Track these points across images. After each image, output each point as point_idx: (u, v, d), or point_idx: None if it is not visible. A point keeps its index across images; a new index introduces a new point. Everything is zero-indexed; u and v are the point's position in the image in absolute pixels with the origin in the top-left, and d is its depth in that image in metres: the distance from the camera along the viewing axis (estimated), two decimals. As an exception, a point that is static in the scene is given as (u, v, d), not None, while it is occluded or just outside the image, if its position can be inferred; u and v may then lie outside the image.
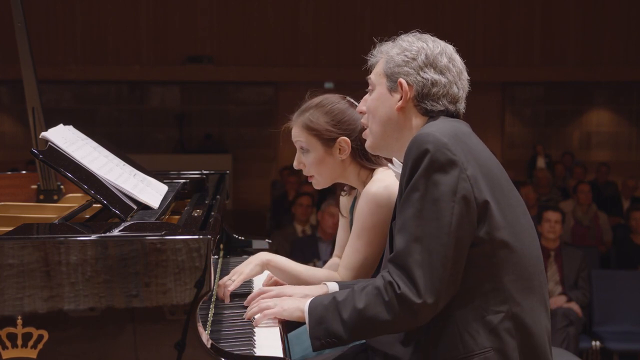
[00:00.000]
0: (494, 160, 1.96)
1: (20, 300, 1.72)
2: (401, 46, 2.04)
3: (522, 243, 1.90)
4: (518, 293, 1.87)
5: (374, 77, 2.09)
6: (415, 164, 1.85)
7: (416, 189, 1.84)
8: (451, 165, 1.83)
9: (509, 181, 1.98)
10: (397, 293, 1.81)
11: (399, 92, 2.02)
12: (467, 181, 1.83)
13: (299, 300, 2.09)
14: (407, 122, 2.03)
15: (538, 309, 1.92)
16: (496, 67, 13.63)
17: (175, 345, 1.75)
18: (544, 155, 12.92)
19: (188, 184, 2.99)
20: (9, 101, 13.79)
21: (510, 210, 1.89)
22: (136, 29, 13.48)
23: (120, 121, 14.12)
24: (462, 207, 1.81)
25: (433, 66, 2.01)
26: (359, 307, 1.86)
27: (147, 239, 1.75)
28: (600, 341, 5.53)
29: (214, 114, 14.21)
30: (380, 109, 2.05)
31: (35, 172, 2.96)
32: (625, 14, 13.72)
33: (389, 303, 1.82)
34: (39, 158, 2.20)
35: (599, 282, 5.72)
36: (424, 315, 1.82)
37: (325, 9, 13.58)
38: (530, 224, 1.98)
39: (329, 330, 1.90)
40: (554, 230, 5.74)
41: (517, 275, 1.87)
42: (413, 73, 2.01)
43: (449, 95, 2.02)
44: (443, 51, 2.04)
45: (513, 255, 1.87)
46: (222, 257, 2.96)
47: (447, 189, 1.81)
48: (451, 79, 2.03)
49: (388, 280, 1.83)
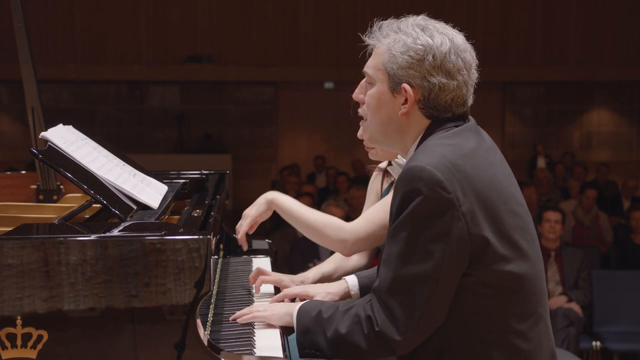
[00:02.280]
0: (495, 180, 1.82)
1: (19, 301, 1.72)
2: (405, 43, 1.85)
3: (522, 268, 1.79)
4: (519, 323, 1.81)
5: (372, 70, 1.92)
6: (406, 199, 1.74)
7: (405, 227, 1.74)
8: (444, 206, 1.71)
9: (514, 195, 1.85)
10: (375, 330, 1.78)
11: (403, 95, 1.87)
12: (462, 219, 1.72)
13: (289, 305, 2.08)
14: (410, 124, 1.90)
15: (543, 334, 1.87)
16: (497, 66, 13.62)
17: (174, 346, 1.75)
18: (545, 155, 12.93)
19: (188, 184, 2.98)
20: (9, 101, 13.78)
21: (509, 238, 1.78)
22: (136, 28, 13.47)
23: (120, 121, 14.12)
24: (453, 248, 1.72)
25: (441, 69, 1.83)
26: (341, 331, 1.84)
27: (146, 239, 1.75)
28: (600, 341, 5.53)
29: (214, 114, 14.20)
30: (382, 109, 1.91)
31: (35, 172, 2.95)
32: (625, 13, 13.72)
33: (368, 336, 1.80)
34: (39, 158, 2.20)
35: (599, 282, 5.72)
36: (402, 350, 1.80)
37: (325, 9, 13.57)
38: (533, 238, 1.88)
39: (313, 342, 1.90)
40: (554, 231, 5.74)
41: (518, 303, 1.80)
42: (418, 77, 1.84)
43: (457, 98, 1.86)
44: (451, 47, 1.84)
45: (512, 284, 1.78)
46: (221, 257, 2.95)
47: (439, 231, 1.72)
48: (461, 80, 1.85)
49: (367, 315, 1.80)
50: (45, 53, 12.76)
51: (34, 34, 11.54)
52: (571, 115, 14.50)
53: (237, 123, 14.19)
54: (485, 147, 1.89)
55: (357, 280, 2.30)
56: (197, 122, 14.10)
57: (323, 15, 13.54)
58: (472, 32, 2.09)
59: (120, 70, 13.39)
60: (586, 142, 14.53)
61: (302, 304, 2.00)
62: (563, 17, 13.79)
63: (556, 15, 13.79)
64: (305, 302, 2.02)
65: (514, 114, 14.55)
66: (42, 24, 12.86)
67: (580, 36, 13.73)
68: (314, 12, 13.60)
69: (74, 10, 13.35)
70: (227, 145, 13.95)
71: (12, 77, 8.48)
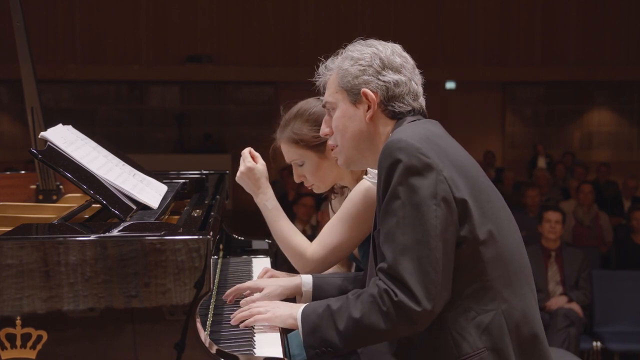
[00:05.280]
0: (468, 159, 1.95)
1: (19, 301, 1.71)
2: (352, 57, 2.03)
3: (504, 237, 1.89)
4: (505, 289, 1.87)
5: (331, 97, 2.07)
6: (390, 172, 1.83)
7: (396, 197, 1.81)
8: (427, 169, 1.81)
9: (486, 177, 1.98)
10: (395, 300, 1.78)
11: (365, 102, 2.01)
12: (445, 182, 1.81)
13: (291, 307, 2.06)
14: (378, 130, 2.03)
15: (527, 300, 1.91)
16: (497, 66, 13.64)
17: (174, 346, 1.75)
18: (545, 155, 12.93)
19: (187, 184, 2.98)
20: (8, 101, 13.78)
21: (490, 206, 1.89)
22: (135, 28, 13.47)
23: (120, 121, 14.12)
24: (443, 209, 1.80)
25: (390, 67, 2.01)
26: (355, 316, 1.83)
27: (146, 239, 1.75)
28: (601, 342, 5.52)
29: (214, 114, 14.21)
30: (350, 125, 2.04)
31: (34, 172, 2.95)
32: (626, 13, 13.73)
33: (387, 312, 1.79)
34: (38, 158, 2.19)
35: (599, 282, 5.71)
36: (423, 322, 1.81)
37: (325, 9, 13.58)
38: (510, 218, 1.98)
39: (323, 339, 1.88)
40: (555, 231, 5.73)
41: (503, 271, 1.87)
42: (373, 80, 2.00)
43: (411, 92, 2.02)
44: (393, 51, 2.04)
45: (496, 251, 1.86)
46: (221, 257, 2.95)
47: (427, 192, 1.80)
48: (409, 76, 2.02)
49: (384, 289, 1.80)
50: (45, 53, 12.76)
51: (34, 34, 11.54)
52: (571, 115, 14.51)
53: (237, 123, 14.19)
54: (452, 139, 2.01)
55: (311, 279, 2.32)
56: (197, 122, 14.10)
57: (323, 15, 13.54)
58: (472, 32, 2.13)
59: (120, 70, 13.39)
60: (586, 142, 14.53)
61: (306, 304, 1.99)
62: (563, 17, 13.79)
63: (556, 15, 13.79)
64: (309, 303, 2.02)
65: (514, 114, 14.55)
66: (42, 24, 12.86)
67: (580, 36, 13.73)
68: (314, 12, 13.60)
69: (74, 10, 13.35)
70: (227, 145, 13.95)
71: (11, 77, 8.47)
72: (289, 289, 2.30)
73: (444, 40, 13.50)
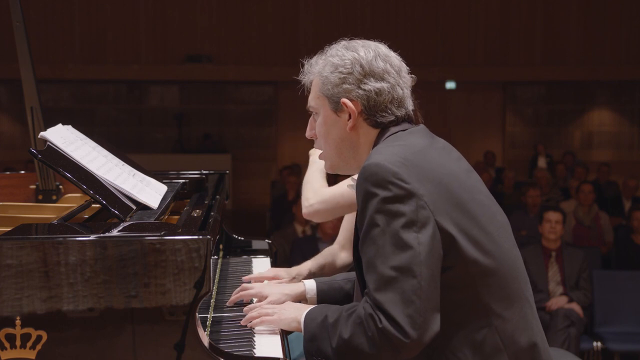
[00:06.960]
0: (455, 168, 1.89)
1: (18, 301, 1.71)
2: (332, 63, 1.96)
3: (495, 250, 1.84)
4: (498, 303, 1.83)
5: (313, 101, 2.03)
6: (368, 198, 1.78)
7: (374, 225, 1.76)
8: (406, 196, 1.75)
9: (478, 183, 1.92)
10: (379, 327, 1.74)
11: (345, 112, 1.96)
12: (426, 208, 1.76)
13: (297, 309, 2.06)
14: (360, 138, 1.98)
15: (523, 309, 1.88)
16: (497, 66, 13.63)
17: (174, 346, 1.74)
18: (545, 155, 12.92)
19: (187, 184, 2.98)
20: (8, 101, 13.78)
21: (477, 221, 1.83)
22: (135, 28, 13.47)
23: (119, 121, 14.11)
24: (425, 235, 1.74)
25: (371, 74, 1.93)
26: (344, 336, 1.81)
27: (146, 239, 1.74)
28: (601, 342, 5.52)
29: (213, 114, 14.20)
30: (331, 131, 2.00)
31: (34, 172, 2.95)
32: (626, 13, 13.73)
33: (372, 337, 1.76)
34: (38, 158, 2.19)
35: (600, 282, 5.71)
36: (409, 351, 1.76)
37: (325, 9, 13.57)
38: (502, 225, 1.92)
39: (320, 349, 1.88)
40: (555, 231, 5.72)
41: (495, 286, 1.83)
42: (354, 88, 1.93)
43: (395, 100, 1.94)
44: (376, 54, 1.95)
45: (487, 267, 1.82)
46: (221, 258, 2.94)
47: (406, 220, 1.74)
48: (393, 82, 1.94)
49: (369, 313, 1.77)
50: (45, 52, 12.76)
51: (34, 34, 11.53)
52: (572, 115, 14.50)
53: (236, 123, 14.18)
54: (439, 147, 1.95)
55: (315, 284, 2.33)
56: (196, 122, 14.10)
57: (323, 15, 13.53)
58: (473, 32, 2.10)
59: (120, 70, 13.39)
60: (587, 142, 14.53)
61: (309, 309, 1.99)
62: (564, 17, 13.79)
63: (557, 15, 13.79)
64: (313, 307, 2.01)
65: (515, 114, 14.54)
66: (41, 24, 12.85)
67: (581, 36, 13.73)
68: (314, 12, 13.60)
69: (74, 10, 13.35)
70: (227, 145, 13.95)
71: (11, 77, 8.47)
72: (293, 297, 2.31)
73: (444, 40, 13.50)
